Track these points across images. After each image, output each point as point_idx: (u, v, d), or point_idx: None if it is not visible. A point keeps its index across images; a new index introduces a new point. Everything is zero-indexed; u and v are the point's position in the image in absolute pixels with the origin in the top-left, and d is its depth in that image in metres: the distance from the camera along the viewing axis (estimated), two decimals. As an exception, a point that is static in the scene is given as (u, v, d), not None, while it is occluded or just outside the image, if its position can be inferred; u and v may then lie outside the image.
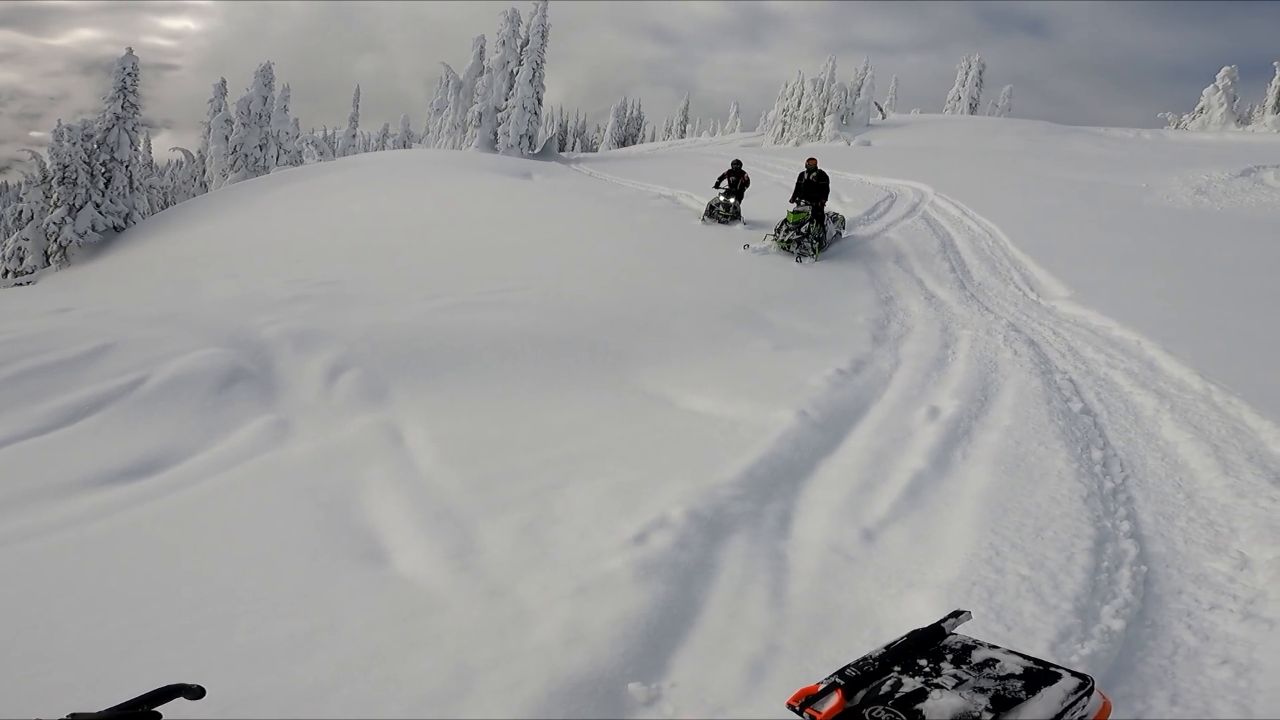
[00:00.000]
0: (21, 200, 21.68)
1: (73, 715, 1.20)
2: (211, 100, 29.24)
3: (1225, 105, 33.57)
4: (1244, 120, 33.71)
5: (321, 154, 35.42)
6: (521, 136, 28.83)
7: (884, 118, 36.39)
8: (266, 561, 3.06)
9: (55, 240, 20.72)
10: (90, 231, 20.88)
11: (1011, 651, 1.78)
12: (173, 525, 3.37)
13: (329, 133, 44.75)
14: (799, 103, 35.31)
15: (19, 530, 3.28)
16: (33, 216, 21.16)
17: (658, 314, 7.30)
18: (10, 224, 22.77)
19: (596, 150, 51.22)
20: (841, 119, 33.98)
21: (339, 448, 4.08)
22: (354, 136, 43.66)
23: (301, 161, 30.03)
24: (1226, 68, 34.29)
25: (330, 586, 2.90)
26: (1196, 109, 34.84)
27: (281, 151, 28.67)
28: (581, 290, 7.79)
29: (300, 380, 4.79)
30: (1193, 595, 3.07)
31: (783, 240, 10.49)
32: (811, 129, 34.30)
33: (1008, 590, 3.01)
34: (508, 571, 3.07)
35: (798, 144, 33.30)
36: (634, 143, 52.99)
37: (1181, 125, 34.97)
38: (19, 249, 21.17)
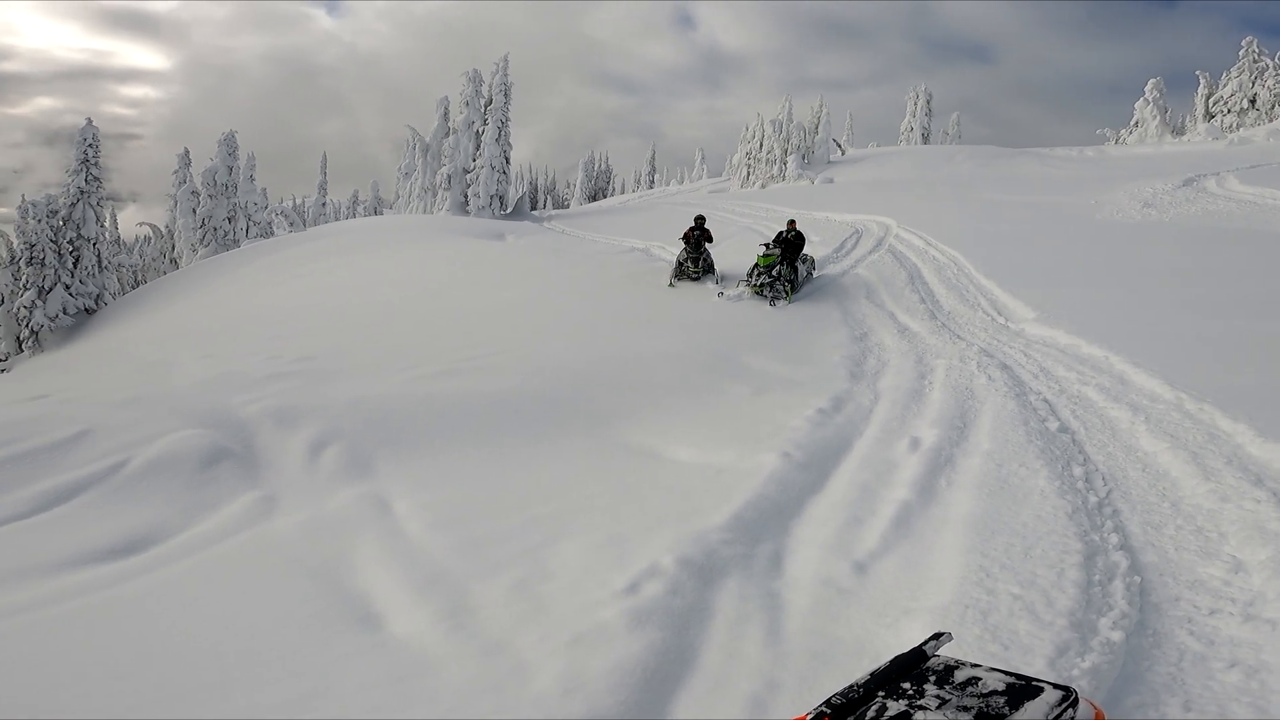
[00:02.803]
0: (-10, 284, 21.38)
1: None
2: (176, 171, 28.96)
3: (1158, 117, 35.14)
4: (1179, 130, 35.25)
5: (292, 224, 35.56)
6: (492, 197, 29.22)
7: (843, 154, 37.47)
8: (257, 631, 3.03)
9: (27, 325, 20.45)
10: (62, 314, 20.66)
11: (994, 669, 1.81)
12: (161, 599, 3.35)
13: (298, 201, 44.98)
14: (761, 145, 36.29)
15: (9, 606, 3.27)
16: (2, 300, 20.89)
17: (637, 368, 7.36)
18: (-22, 309, 22.38)
19: (568, 206, 52.05)
20: (803, 158, 34.92)
21: (327, 520, 4.06)
22: (324, 205, 43.93)
23: (272, 233, 30.09)
24: (1153, 80, 36.03)
25: (323, 652, 2.88)
26: (1132, 123, 36.42)
27: (251, 223, 28.69)
28: (560, 350, 7.86)
29: (284, 457, 4.80)
30: (1191, 601, 3.10)
31: (756, 285, 10.67)
32: (775, 170, 35.18)
33: (1001, 610, 3.02)
34: (502, 628, 3.06)
35: (763, 186, 34.10)
36: (604, 196, 53.94)
37: (1121, 140, 36.48)
38: (-10, 336, 20.86)
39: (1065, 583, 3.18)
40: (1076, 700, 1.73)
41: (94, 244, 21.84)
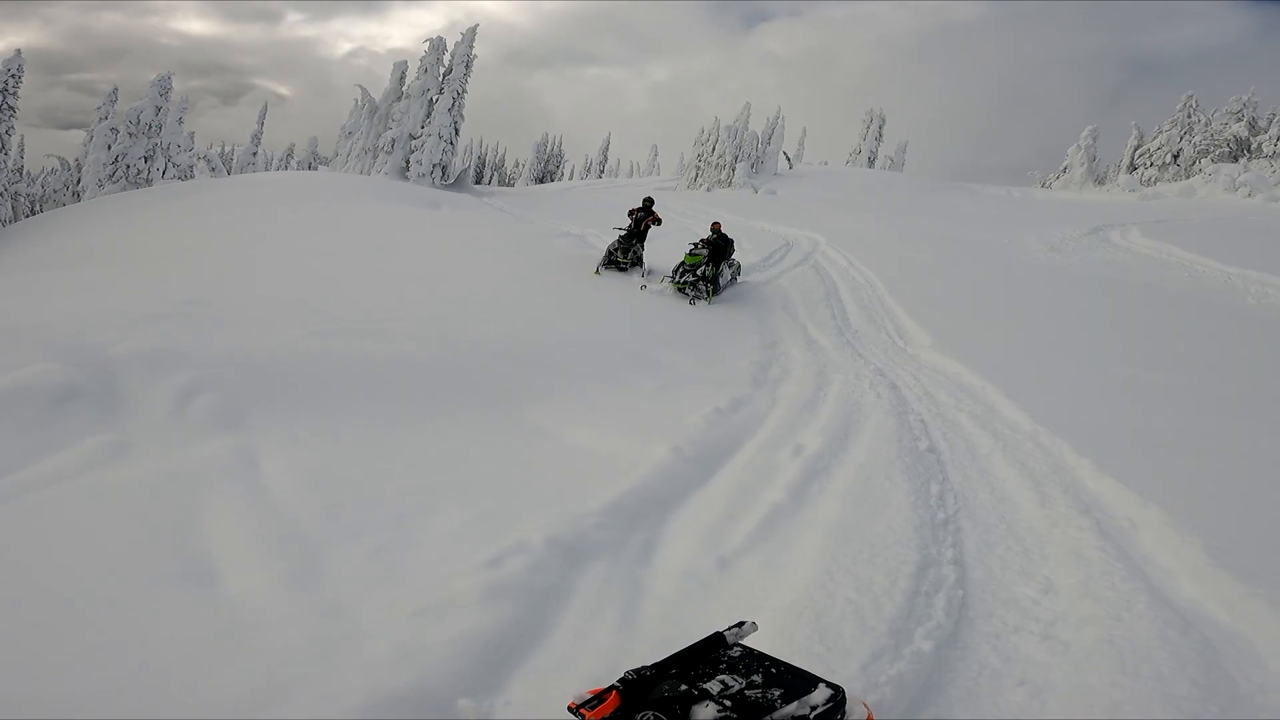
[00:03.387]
0: None
1: None
2: (99, 107, 27.47)
3: (1085, 165, 37.05)
4: (1101, 180, 37.31)
5: (214, 170, 33.79)
6: (435, 166, 28.57)
7: (790, 167, 38.28)
8: (73, 578, 2.90)
9: (-101, 244, 18.84)
10: (-58, 237, 19.13)
11: (781, 662, 1.95)
12: None
13: (226, 149, 42.86)
14: (713, 148, 36.67)
15: None
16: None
17: (549, 350, 7.39)
18: None
19: (514, 185, 51.22)
20: (751, 166, 35.50)
21: (183, 471, 3.90)
22: (255, 154, 41.94)
23: (192, 176, 28.61)
24: (1089, 127, 37.77)
25: (141, 603, 2.79)
26: (1061, 168, 38.36)
27: (170, 164, 27.22)
28: (471, 323, 7.79)
29: (148, 402, 4.54)
30: (1001, 618, 3.32)
31: (678, 282, 10.85)
32: (724, 175, 35.63)
33: (834, 613, 3.20)
34: (348, 593, 3.03)
35: (709, 190, 34.50)
36: (553, 179, 53.31)
37: (1047, 184, 38.45)
38: None
39: (895, 591, 3.39)
40: (844, 700, 1.88)
41: (-8, 170, 20.49)
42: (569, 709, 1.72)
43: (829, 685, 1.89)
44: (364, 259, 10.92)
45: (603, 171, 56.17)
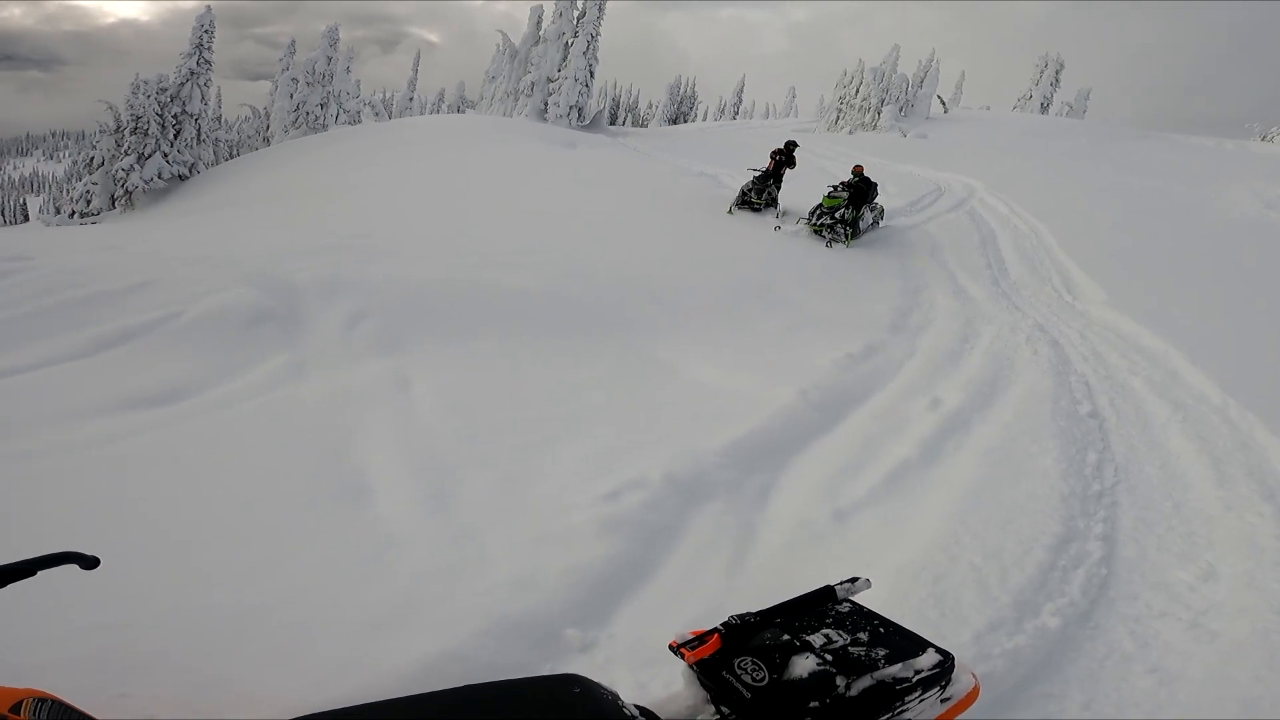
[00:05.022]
0: (95, 148, 22.77)
1: None
2: (281, 59, 30.01)
3: (1323, 117, 31.11)
4: (1345, 135, 31.35)
5: (378, 115, 36.12)
6: (571, 108, 28.80)
7: (945, 111, 35.21)
8: (252, 493, 3.19)
9: (122, 185, 21.74)
10: (156, 179, 21.87)
11: (890, 622, 1.85)
12: (175, 452, 3.49)
13: (387, 95, 45.52)
14: (856, 91, 34.36)
15: (44, 447, 3.41)
16: (103, 163, 22.27)
17: (678, 287, 7.32)
18: (81, 169, 24.01)
19: (646, 126, 50.77)
20: (900, 110, 32.98)
21: (346, 391, 4.22)
22: (411, 99, 44.25)
23: (360, 121, 30.70)
24: (1335, 77, 31.59)
25: (306, 519, 3.04)
26: (1290, 121, 32.49)
27: (341, 110, 29.35)
28: (604, 258, 7.86)
29: (321, 324, 4.95)
30: (1146, 602, 3.02)
31: (815, 224, 10.39)
32: (868, 119, 33.38)
33: (954, 578, 3.02)
34: (479, 518, 3.19)
35: (851, 133, 32.50)
36: (685, 121, 52.26)
37: (1268, 137, 32.87)
38: (87, 192, 22.38)
39: (1027, 562, 3.14)
40: (952, 666, 1.76)
41: (195, 119, 22.94)
42: (670, 648, 1.72)
43: (938, 650, 1.77)
44: (507, 196, 11.29)
45: (737, 113, 54.28)
